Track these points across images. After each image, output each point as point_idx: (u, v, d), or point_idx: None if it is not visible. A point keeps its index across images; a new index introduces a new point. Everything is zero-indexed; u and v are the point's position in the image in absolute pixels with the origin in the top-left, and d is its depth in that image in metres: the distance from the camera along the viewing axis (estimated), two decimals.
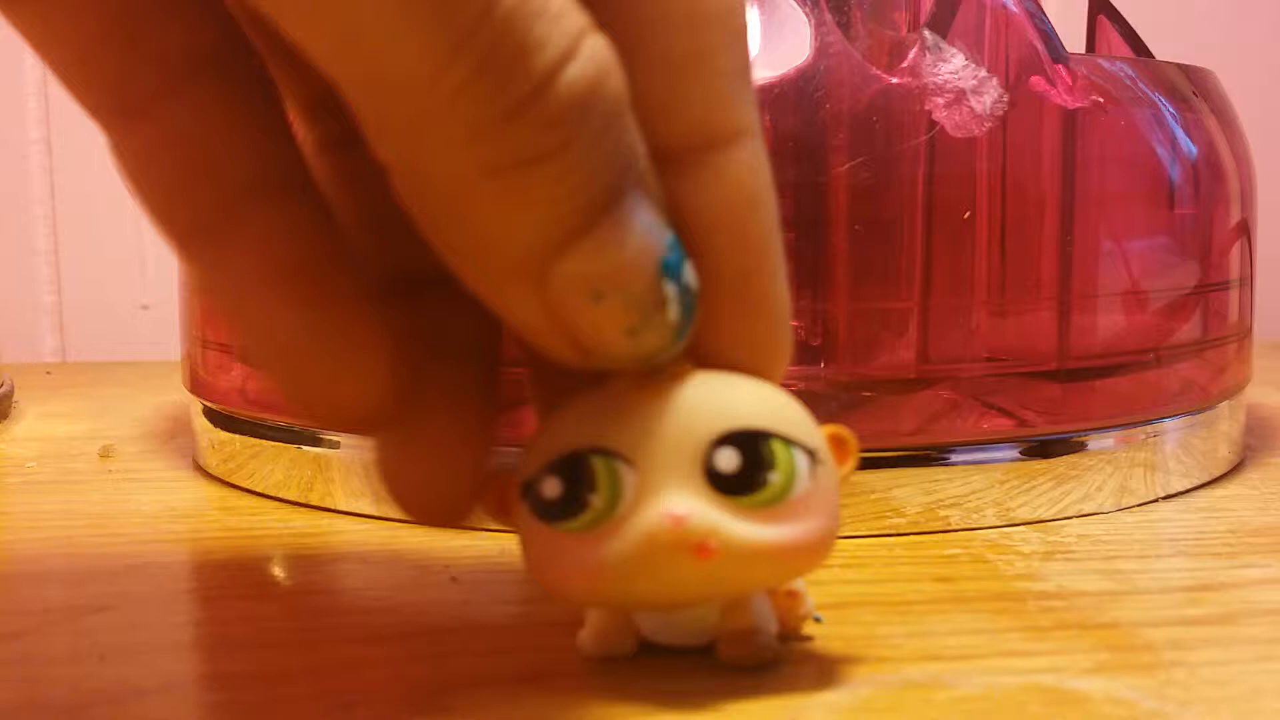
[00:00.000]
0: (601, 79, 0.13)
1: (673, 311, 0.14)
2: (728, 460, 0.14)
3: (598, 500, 0.14)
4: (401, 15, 0.12)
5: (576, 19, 0.12)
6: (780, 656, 0.16)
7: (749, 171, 0.15)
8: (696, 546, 0.14)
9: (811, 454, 0.15)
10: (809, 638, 0.17)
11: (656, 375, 0.15)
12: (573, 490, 0.14)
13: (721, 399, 0.15)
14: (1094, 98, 0.25)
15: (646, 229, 0.13)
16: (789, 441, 0.15)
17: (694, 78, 0.14)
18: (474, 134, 0.12)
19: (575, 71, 0.12)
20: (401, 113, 0.12)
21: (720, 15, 0.14)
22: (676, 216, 0.14)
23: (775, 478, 0.14)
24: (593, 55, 0.12)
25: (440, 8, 0.12)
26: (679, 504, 0.14)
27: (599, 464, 0.14)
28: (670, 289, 0.13)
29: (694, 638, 0.16)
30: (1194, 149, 0.27)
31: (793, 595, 0.17)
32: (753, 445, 0.14)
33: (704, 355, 0.15)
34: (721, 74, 0.14)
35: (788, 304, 0.15)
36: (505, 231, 0.13)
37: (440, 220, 0.13)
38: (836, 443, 0.16)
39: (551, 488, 0.15)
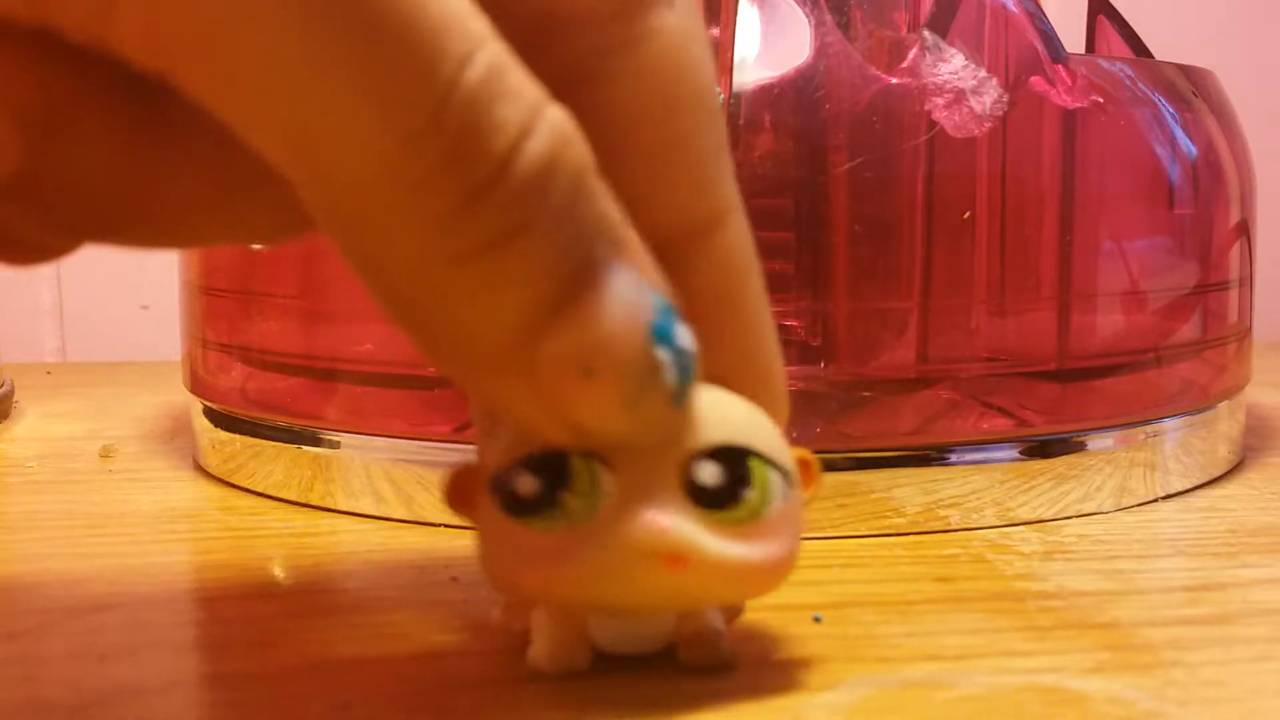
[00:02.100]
0: (561, 149, 0.12)
1: (669, 376, 0.13)
2: (710, 474, 0.14)
3: (574, 501, 0.14)
4: (354, 114, 0.11)
5: (532, 94, 0.12)
6: (738, 658, 0.16)
7: (735, 249, 0.15)
8: (674, 559, 0.14)
9: (785, 474, 0.15)
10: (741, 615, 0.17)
11: None
12: (548, 488, 0.14)
13: (708, 412, 0.15)
14: (1093, 98, 0.25)
15: (630, 297, 0.13)
16: (766, 460, 0.15)
17: (675, 166, 0.14)
18: (438, 225, 0.12)
19: (535, 146, 0.12)
20: (360, 211, 0.12)
21: (694, 98, 0.14)
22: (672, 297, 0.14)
23: (752, 495, 0.14)
24: (552, 127, 0.12)
25: (395, 100, 0.11)
26: (662, 515, 0.14)
27: (579, 464, 0.14)
28: (664, 354, 0.13)
29: (651, 645, 0.16)
30: (1193, 149, 0.27)
31: None
32: (735, 461, 0.14)
33: None
34: (701, 159, 0.14)
35: (781, 365, 0.16)
36: (482, 319, 0.12)
37: (414, 315, 0.13)
38: (802, 466, 0.16)
39: (526, 484, 0.14)
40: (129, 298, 0.54)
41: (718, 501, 0.14)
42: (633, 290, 0.13)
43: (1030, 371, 0.25)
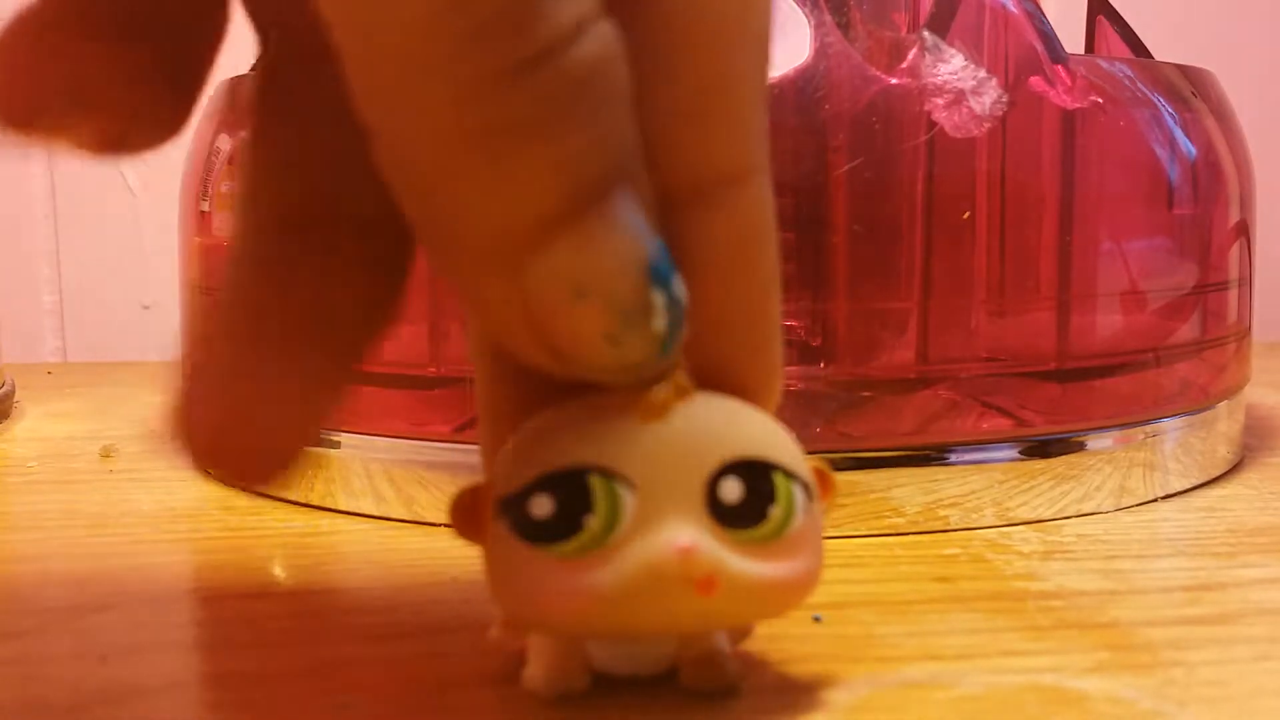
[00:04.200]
0: (606, 63, 0.12)
1: (658, 322, 0.13)
2: (731, 490, 0.14)
3: (594, 523, 0.13)
4: None
5: (593, 5, 0.12)
6: (743, 679, 0.16)
7: (753, 210, 0.14)
8: (701, 582, 0.13)
9: (807, 488, 0.14)
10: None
11: (660, 392, 0.14)
12: (566, 510, 0.13)
13: (727, 425, 0.14)
14: (1093, 98, 0.25)
15: (635, 230, 0.13)
16: (789, 474, 0.14)
17: (717, 112, 0.13)
18: (471, 90, 0.12)
19: (585, 47, 0.12)
20: (394, 63, 0.12)
21: (750, 37, 0.13)
22: (681, 253, 0.13)
23: (776, 512, 0.14)
24: (603, 37, 0.12)
25: None
26: (685, 535, 0.13)
27: (597, 484, 0.13)
28: (658, 297, 0.13)
29: (652, 666, 0.15)
30: (1193, 149, 0.27)
31: None
32: (757, 476, 0.14)
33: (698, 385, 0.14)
34: (739, 106, 0.13)
35: (780, 340, 0.15)
36: (485, 206, 0.12)
37: (421, 191, 0.13)
38: (818, 476, 0.15)
39: (541, 506, 0.13)
40: (130, 298, 0.54)
41: (741, 520, 0.14)
42: (638, 225, 0.13)
43: (1030, 371, 0.25)
